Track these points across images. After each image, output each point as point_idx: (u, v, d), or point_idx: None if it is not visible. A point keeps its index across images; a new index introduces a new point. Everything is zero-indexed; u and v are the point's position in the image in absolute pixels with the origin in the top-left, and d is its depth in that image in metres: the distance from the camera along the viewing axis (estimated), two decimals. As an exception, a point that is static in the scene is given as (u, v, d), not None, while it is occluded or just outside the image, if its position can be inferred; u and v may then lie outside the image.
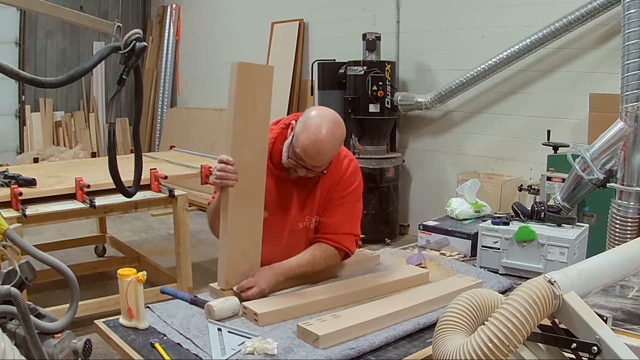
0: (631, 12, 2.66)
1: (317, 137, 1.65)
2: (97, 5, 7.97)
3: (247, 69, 1.59)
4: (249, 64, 1.59)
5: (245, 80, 1.59)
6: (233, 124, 1.59)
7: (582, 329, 1.05)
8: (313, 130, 1.66)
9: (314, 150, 1.66)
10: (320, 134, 1.65)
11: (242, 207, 1.65)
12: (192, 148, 4.97)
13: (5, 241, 1.22)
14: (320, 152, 1.67)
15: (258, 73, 1.61)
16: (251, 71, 1.60)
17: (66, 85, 1.56)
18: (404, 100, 4.97)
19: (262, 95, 1.63)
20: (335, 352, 1.37)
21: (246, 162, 1.63)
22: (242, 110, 1.59)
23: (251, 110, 1.61)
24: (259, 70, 1.61)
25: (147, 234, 5.52)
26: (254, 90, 1.61)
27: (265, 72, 1.63)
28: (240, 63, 1.57)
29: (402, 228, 5.42)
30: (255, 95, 1.61)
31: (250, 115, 1.61)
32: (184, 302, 1.65)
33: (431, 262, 2.07)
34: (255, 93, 1.61)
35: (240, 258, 1.67)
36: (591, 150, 2.66)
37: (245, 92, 1.59)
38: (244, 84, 1.59)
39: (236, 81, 1.57)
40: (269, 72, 1.64)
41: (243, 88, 1.59)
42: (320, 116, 1.69)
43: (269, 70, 1.64)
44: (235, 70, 1.57)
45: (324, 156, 1.70)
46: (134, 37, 1.38)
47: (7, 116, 7.39)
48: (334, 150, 1.72)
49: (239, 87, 1.58)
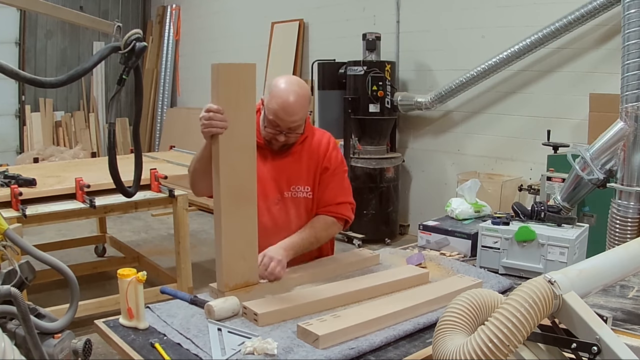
0: (631, 12, 2.66)
1: (284, 100, 1.80)
2: (97, 5, 7.97)
3: (227, 69, 1.58)
4: (229, 64, 1.57)
5: (227, 81, 1.58)
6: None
7: (582, 329, 1.05)
8: (280, 95, 1.81)
9: (284, 112, 1.81)
10: (288, 97, 1.80)
11: (235, 208, 1.64)
12: (192, 148, 4.92)
13: (5, 241, 1.22)
14: (291, 113, 1.82)
15: (239, 72, 1.61)
16: (232, 71, 1.59)
17: (66, 85, 1.56)
18: (404, 100, 4.97)
19: (245, 94, 1.62)
20: (335, 352, 1.37)
21: (236, 163, 1.63)
22: (227, 111, 1.59)
23: (235, 110, 1.60)
24: (240, 69, 1.61)
25: (147, 234, 5.52)
26: (237, 90, 1.60)
27: (246, 70, 1.62)
28: (220, 65, 1.56)
29: (402, 228, 5.42)
30: (239, 96, 1.60)
31: (235, 115, 1.60)
32: (184, 302, 1.65)
33: (431, 262, 2.07)
34: (238, 93, 1.60)
35: (238, 259, 1.67)
36: (591, 150, 2.66)
37: (229, 94, 1.59)
38: (226, 86, 1.58)
39: (218, 83, 1.57)
40: (251, 70, 1.63)
41: (226, 89, 1.58)
42: (283, 82, 1.84)
43: (250, 69, 1.63)
44: (216, 73, 1.56)
45: (296, 116, 1.83)
46: (134, 37, 1.38)
47: (7, 116, 7.39)
48: (303, 109, 1.85)
49: (221, 89, 1.57)
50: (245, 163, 1.65)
